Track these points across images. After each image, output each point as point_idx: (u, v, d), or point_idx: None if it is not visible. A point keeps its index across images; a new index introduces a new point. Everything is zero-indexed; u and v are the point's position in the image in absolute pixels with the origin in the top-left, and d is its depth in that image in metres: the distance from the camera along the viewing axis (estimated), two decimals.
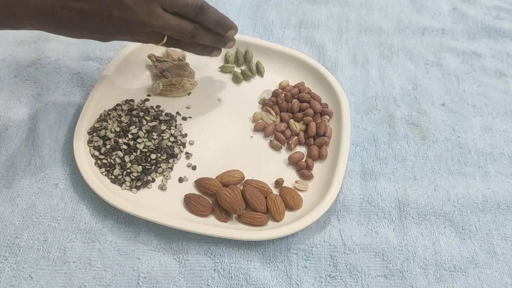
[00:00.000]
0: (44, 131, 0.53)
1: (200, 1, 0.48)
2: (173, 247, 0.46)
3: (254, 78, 0.61)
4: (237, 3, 0.71)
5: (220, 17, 0.50)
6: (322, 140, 0.53)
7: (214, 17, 0.50)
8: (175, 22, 0.47)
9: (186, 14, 0.48)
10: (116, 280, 0.44)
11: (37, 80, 0.58)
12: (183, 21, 0.48)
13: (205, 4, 0.49)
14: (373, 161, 0.54)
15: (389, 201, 0.51)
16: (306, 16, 0.70)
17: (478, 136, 0.58)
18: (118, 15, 0.45)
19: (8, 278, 0.43)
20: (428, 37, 0.69)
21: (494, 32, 0.71)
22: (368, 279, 0.45)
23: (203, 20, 0.49)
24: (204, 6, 0.48)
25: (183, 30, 0.48)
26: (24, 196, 0.48)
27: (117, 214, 0.48)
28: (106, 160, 0.50)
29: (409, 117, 0.59)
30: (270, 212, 0.48)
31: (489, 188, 0.53)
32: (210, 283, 0.44)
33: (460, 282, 0.46)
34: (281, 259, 0.46)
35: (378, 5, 0.73)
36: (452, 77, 0.64)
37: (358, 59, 0.65)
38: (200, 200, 0.48)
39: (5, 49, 0.61)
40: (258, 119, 0.56)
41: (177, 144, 0.53)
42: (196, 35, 0.49)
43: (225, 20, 0.51)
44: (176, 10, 0.47)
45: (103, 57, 0.62)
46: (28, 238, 0.46)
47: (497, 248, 0.48)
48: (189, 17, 0.48)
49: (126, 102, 0.55)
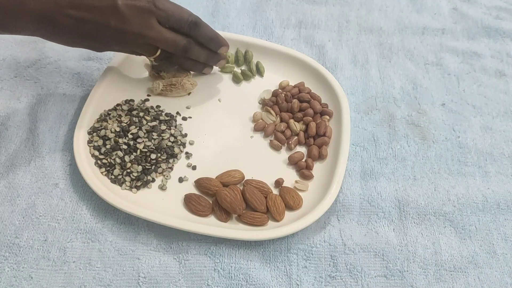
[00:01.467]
0: (44, 131, 0.53)
1: (194, 17, 0.50)
2: (173, 247, 0.46)
3: (254, 78, 0.61)
4: (237, 3, 0.71)
5: (213, 34, 0.53)
6: (322, 140, 0.54)
7: (207, 33, 0.52)
8: (169, 35, 0.49)
9: (181, 29, 0.50)
10: (116, 280, 0.44)
11: (37, 80, 0.58)
12: (177, 35, 0.50)
13: (199, 20, 0.51)
14: (373, 161, 0.54)
15: (389, 201, 0.51)
16: (306, 16, 0.70)
17: (478, 136, 0.58)
18: (115, 25, 0.46)
19: (8, 278, 0.43)
20: (428, 37, 0.69)
21: (494, 32, 0.71)
22: (368, 279, 0.45)
23: (197, 35, 0.51)
24: (198, 22, 0.51)
25: (177, 43, 0.50)
26: (24, 196, 0.48)
27: (117, 214, 0.48)
28: (106, 160, 0.50)
29: (409, 117, 0.59)
30: (270, 212, 0.48)
31: (489, 188, 0.53)
32: (210, 283, 0.44)
33: (460, 282, 0.46)
34: (281, 259, 0.46)
35: (378, 5, 0.73)
36: (452, 77, 0.64)
37: (358, 59, 0.65)
38: (200, 200, 0.48)
39: (5, 49, 0.61)
40: (258, 119, 0.56)
41: (177, 144, 0.53)
42: (189, 49, 0.52)
43: (217, 36, 0.53)
44: (171, 24, 0.50)
45: (103, 57, 0.62)
46: (28, 238, 0.46)
47: (497, 248, 0.48)
48: (183, 31, 0.50)
49: (126, 102, 0.55)
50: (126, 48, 0.50)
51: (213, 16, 0.69)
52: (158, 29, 0.48)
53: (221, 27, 0.67)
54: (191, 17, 0.50)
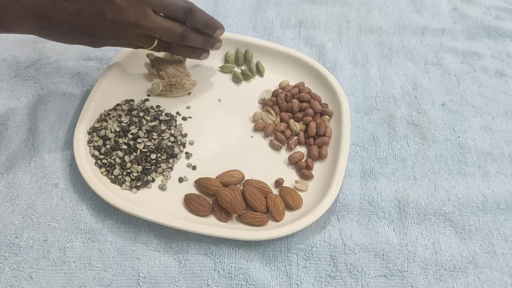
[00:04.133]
0: (44, 131, 0.53)
1: (189, 3, 0.50)
2: (173, 247, 0.46)
3: (254, 78, 0.61)
4: (237, 3, 0.71)
5: (208, 18, 0.52)
6: (322, 140, 0.54)
7: (202, 18, 0.52)
8: (165, 24, 0.49)
9: (176, 16, 0.50)
10: (116, 280, 0.44)
11: (37, 80, 0.58)
12: (173, 23, 0.50)
13: (193, 6, 0.51)
14: (373, 161, 0.54)
15: (389, 201, 0.51)
16: (306, 16, 0.70)
17: (478, 136, 0.58)
18: (111, 16, 0.46)
19: (8, 278, 0.43)
20: (428, 37, 0.69)
21: (494, 32, 0.71)
22: (368, 279, 0.45)
23: (192, 21, 0.51)
24: (193, 8, 0.50)
25: (173, 31, 0.50)
26: (24, 196, 0.48)
27: (117, 214, 0.48)
28: (106, 160, 0.50)
29: (409, 117, 0.59)
30: (270, 212, 0.48)
31: (489, 188, 0.53)
32: (210, 283, 0.44)
33: (460, 282, 0.46)
34: (281, 259, 0.46)
35: (378, 5, 0.73)
36: (452, 77, 0.64)
37: (358, 59, 0.65)
38: (200, 200, 0.48)
39: (5, 49, 0.61)
40: (258, 119, 0.56)
41: (177, 144, 0.53)
42: (185, 36, 0.51)
43: (212, 20, 0.53)
44: (166, 13, 0.49)
45: (103, 57, 0.62)
46: (28, 238, 0.46)
47: (497, 248, 0.48)
48: (178, 19, 0.50)
49: (126, 102, 0.55)
50: (123, 40, 0.50)
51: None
52: (154, 18, 0.48)
53: None
54: (185, 4, 0.50)
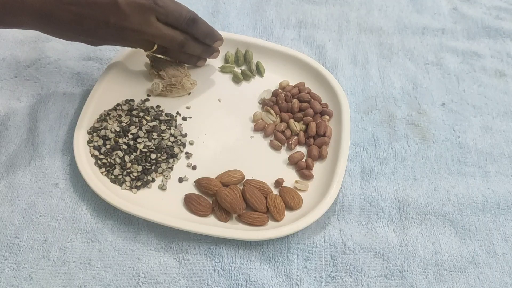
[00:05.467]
0: (44, 131, 0.53)
1: (192, 14, 0.51)
2: (173, 247, 0.46)
3: (254, 78, 0.61)
4: (237, 3, 0.71)
5: (209, 29, 0.54)
6: (322, 140, 0.53)
7: (203, 28, 0.53)
8: (167, 31, 0.50)
9: (178, 25, 0.51)
10: (116, 280, 0.44)
11: (37, 80, 0.58)
12: (174, 31, 0.51)
13: (196, 17, 0.52)
14: (373, 161, 0.54)
15: (389, 201, 0.51)
16: (306, 16, 0.70)
17: (478, 136, 0.58)
18: (114, 22, 0.46)
19: (8, 278, 0.43)
20: (428, 37, 0.69)
21: (494, 32, 0.71)
22: (368, 279, 0.45)
23: (194, 31, 0.52)
24: (196, 18, 0.52)
25: (174, 39, 0.51)
26: (24, 196, 0.48)
27: (117, 214, 0.48)
28: (106, 160, 0.50)
29: (409, 117, 0.59)
30: (270, 212, 0.48)
31: (489, 188, 0.53)
32: (210, 283, 0.44)
33: (460, 282, 0.46)
34: (281, 259, 0.46)
35: (378, 5, 0.73)
36: (452, 77, 0.64)
37: (358, 59, 0.65)
38: (200, 200, 0.48)
39: (5, 49, 0.61)
40: (258, 119, 0.56)
41: (177, 144, 0.53)
42: (185, 45, 0.53)
43: (213, 31, 0.54)
44: (169, 21, 0.50)
45: (103, 57, 0.62)
46: (28, 238, 0.46)
47: (497, 248, 0.48)
48: (181, 28, 0.51)
49: (126, 102, 0.55)
50: (124, 43, 0.51)
51: (213, 16, 0.69)
52: (157, 26, 0.49)
53: (221, 27, 0.67)
54: (189, 14, 0.51)
